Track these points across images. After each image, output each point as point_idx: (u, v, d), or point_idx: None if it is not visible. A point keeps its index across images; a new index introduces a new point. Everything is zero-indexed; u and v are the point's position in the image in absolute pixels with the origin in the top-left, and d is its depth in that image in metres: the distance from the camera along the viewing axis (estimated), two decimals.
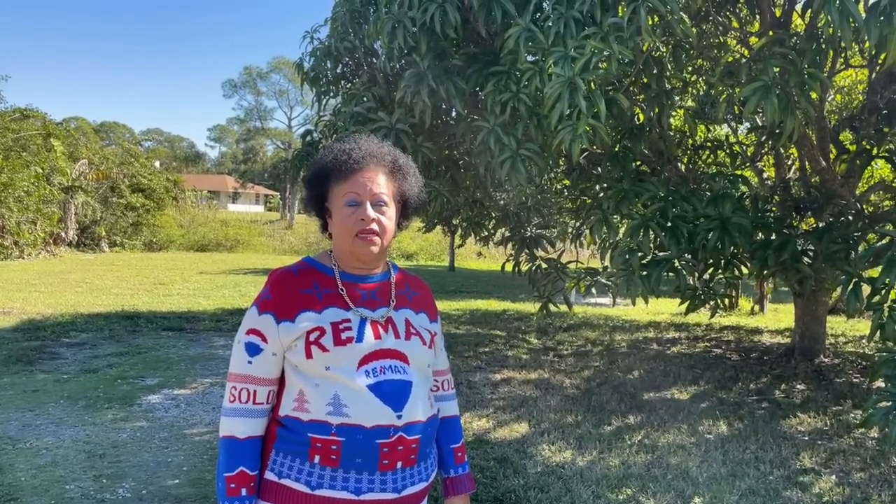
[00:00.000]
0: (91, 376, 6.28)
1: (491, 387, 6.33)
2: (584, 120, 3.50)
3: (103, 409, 5.29)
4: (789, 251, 4.38)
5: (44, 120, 21.49)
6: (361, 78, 5.13)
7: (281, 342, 1.57)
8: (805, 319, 7.56)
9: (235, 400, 1.59)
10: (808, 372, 7.05)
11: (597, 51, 3.47)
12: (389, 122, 4.33)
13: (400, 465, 1.56)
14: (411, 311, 1.72)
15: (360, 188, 1.59)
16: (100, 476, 3.95)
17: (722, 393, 6.26)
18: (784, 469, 4.35)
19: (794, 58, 3.40)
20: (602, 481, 4.07)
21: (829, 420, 5.41)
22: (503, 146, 4.26)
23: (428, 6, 3.96)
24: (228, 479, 1.55)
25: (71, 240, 22.37)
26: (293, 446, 1.55)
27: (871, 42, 2.84)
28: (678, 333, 9.75)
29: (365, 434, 1.52)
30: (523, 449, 4.61)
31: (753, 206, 4.78)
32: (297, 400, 1.57)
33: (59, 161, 20.70)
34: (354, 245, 1.60)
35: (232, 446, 1.57)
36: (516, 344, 8.64)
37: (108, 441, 4.57)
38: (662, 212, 4.31)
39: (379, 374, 1.56)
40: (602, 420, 5.32)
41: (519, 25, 3.84)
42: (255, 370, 1.59)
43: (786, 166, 7.45)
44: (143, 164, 28.19)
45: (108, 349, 7.48)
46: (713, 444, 4.79)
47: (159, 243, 26.59)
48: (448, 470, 1.81)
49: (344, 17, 5.14)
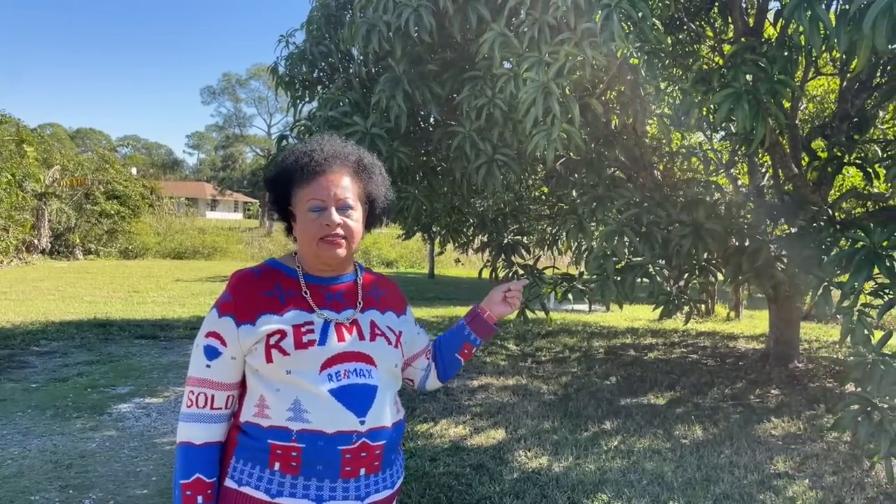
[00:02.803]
0: (60, 385, 6.15)
1: (468, 393, 6.31)
2: (558, 125, 3.51)
3: (72, 418, 5.18)
4: (763, 257, 4.41)
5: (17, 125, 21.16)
6: (337, 82, 5.10)
7: (241, 346, 1.53)
8: (779, 325, 7.64)
9: (192, 405, 1.55)
10: (782, 377, 7.12)
11: (571, 56, 3.48)
12: (364, 127, 4.30)
13: (363, 472, 1.53)
14: (377, 311, 1.69)
15: (324, 193, 1.56)
16: (66, 486, 3.86)
17: (698, 398, 6.29)
18: (758, 473, 4.37)
19: (765, 65, 3.44)
20: (578, 487, 4.06)
21: (803, 424, 5.46)
22: (479, 151, 4.26)
23: (403, 10, 3.95)
24: (184, 486, 1.51)
25: (44, 247, 21.98)
26: (253, 453, 1.51)
27: (840, 49, 2.87)
28: (655, 339, 9.80)
29: (326, 440, 1.48)
30: (500, 455, 4.59)
31: (727, 213, 4.82)
32: (258, 405, 1.53)
33: (31, 167, 20.36)
34: (319, 249, 1.57)
35: (188, 453, 1.53)
36: (494, 350, 8.62)
37: (76, 451, 4.47)
38: (637, 218, 4.32)
39: (342, 377, 1.53)
40: (579, 426, 5.31)
41: (494, 30, 3.84)
42: (214, 374, 1.55)
43: (760, 173, 7.54)
44: (119, 170, 27.88)
45: (79, 357, 7.34)
46: (688, 448, 4.81)
47: (135, 251, 26.25)
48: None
49: (319, 20, 5.12)
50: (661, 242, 4.36)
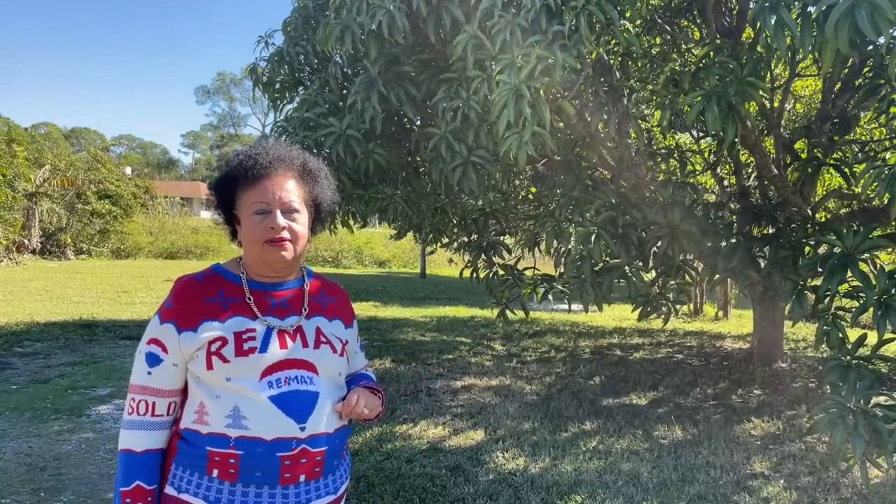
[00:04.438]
0: (41, 387, 6.12)
1: (451, 394, 6.30)
2: (529, 128, 3.51)
3: (50, 420, 5.16)
4: (738, 257, 4.42)
5: (7, 125, 21.09)
6: (315, 84, 5.09)
7: (182, 352, 1.53)
8: (763, 325, 7.66)
9: (134, 412, 1.55)
10: (765, 377, 7.13)
11: (542, 58, 3.48)
12: (340, 128, 4.30)
13: (303, 478, 1.53)
14: (325, 318, 1.69)
15: (269, 196, 1.56)
16: (38, 489, 3.85)
17: (680, 398, 6.30)
18: (734, 474, 4.38)
19: (734, 67, 3.44)
20: (552, 488, 4.06)
21: (783, 425, 5.47)
22: (454, 153, 4.26)
23: (376, 12, 3.94)
24: (124, 493, 1.52)
25: (35, 247, 21.87)
26: (192, 459, 1.51)
27: (805, 52, 2.87)
28: (642, 339, 9.81)
29: (265, 447, 1.49)
30: (476, 456, 4.59)
31: (704, 214, 4.82)
32: (198, 412, 1.53)
33: (22, 167, 20.28)
34: (264, 252, 1.57)
35: (129, 460, 1.53)
36: (481, 351, 8.62)
37: (52, 453, 4.46)
38: (612, 220, 4.33)
39: (283, 385, 1.53)
40: (558, 426, 5.31)
41: (467, 32, 3.84)
42: (155, 381, 1.55)
43: (745, 174, 7.54)
44: (111, 170, 27.76)
45: (62, 359, 7.31)
46: (666, 449, 4.81)
47: (127, 251, 26.15)
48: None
49: (297, 22, 5.10)
50: (637, 244, 4.36)
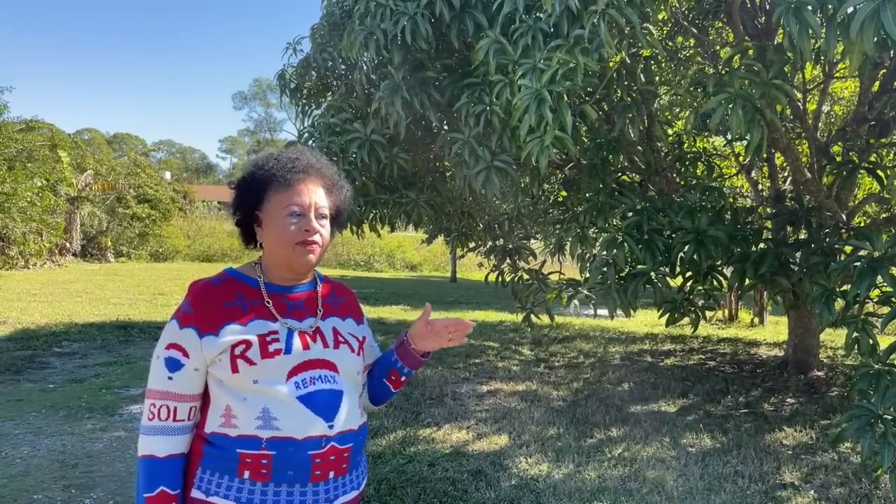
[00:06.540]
0: (76, 386, 6.29)
1: (476, 398, 6.30)
2: (550, 132, 3.50)
3: (84, 418, 5.30)
4: (767, 264, 4.33)
5: (51, 130, 21.68)
6: (340, 89, 5.15)
7: (204, 357, 1.55)
8: (798, 332, 7.49)
9: (155, 417, 1.56)
10: (799, 385, 6.98)
11: (563, 62, 3.47)
12: (364, 133, 4.34)
13: (332, 474, 1.56)
14: (338, 318, 1.72)
15: (305, 199, 1.59)
16: (69, 486, 3.96)
17: (710, 406, 6.20)
18: (763, 483, 4.29)
19: (759, 69, 3.38)
20: (574, 495, 4.03)
21: (815, 434, 5.35)
22: (478, 158, 4.26)
23: (400, 18, 3.97)
24: (149, 500, 1.52)
25: (76, 250, 22.48)
26: (221, 462, 1.53)
27: (829, 53, 2.81)
28: (674, 346, 9.67)
29: (297, 446, 1.51)
30: (499, 461, 4.58)
31: (733, 219, 4.74)
32: (224, 416, 1.55)
33: (65, 172, 20.85)
34: (294, 254, 1.59)
35: (152, 466, 1.54)
36: (508, 355, 8.60)
37: (84, 451, 4.57)
38: (637, 225, 4.28)
39: (309, 384, 1.56)
40: (584, 433, 5.27)
41: (489, 38, 3.85)
42: (176, 386, 1.56)
43: (781, 178, 7.39)
44: (150, 174, 28.37)
45: (98, 359, 7.50)
46: (694, 457, 4.74)
47: (165, 254, 26.68)
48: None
49: (324, 28, 5.17)
50: (662, 249, 4.31)
